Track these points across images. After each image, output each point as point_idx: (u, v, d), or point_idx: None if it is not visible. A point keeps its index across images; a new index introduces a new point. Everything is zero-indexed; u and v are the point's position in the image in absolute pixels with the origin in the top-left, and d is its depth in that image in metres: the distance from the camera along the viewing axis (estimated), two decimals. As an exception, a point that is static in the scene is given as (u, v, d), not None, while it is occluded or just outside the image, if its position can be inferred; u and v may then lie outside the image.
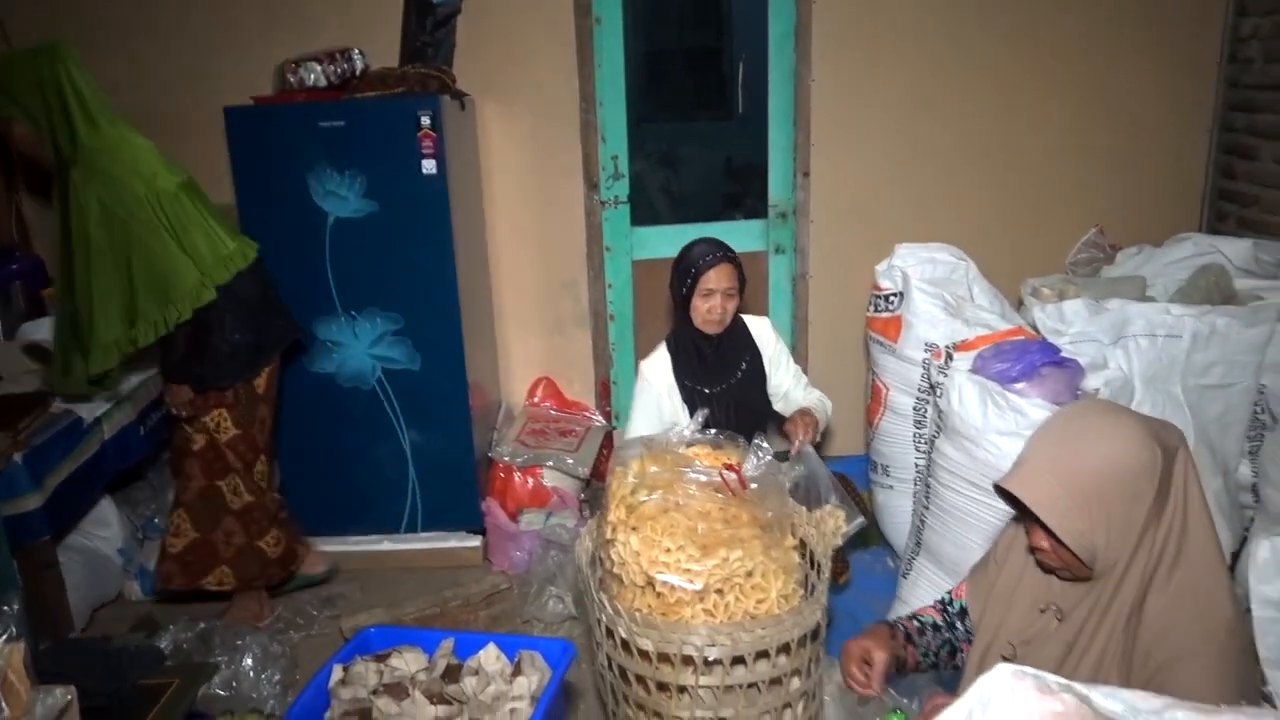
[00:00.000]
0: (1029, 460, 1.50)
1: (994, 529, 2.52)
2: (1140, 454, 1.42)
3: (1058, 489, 1.44)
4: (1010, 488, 1.50)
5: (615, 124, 3.79)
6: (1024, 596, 1.68)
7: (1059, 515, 1.44)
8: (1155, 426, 1.48)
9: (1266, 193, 3.52)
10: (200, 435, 2.92)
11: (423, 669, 1.94)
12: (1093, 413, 1.52)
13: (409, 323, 3.29)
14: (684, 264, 2.65)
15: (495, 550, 3.44)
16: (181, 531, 2.97)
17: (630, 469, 2.34)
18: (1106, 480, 1.42)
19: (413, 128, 3.09)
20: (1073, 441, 1.46)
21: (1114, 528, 1.44)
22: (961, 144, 3.80)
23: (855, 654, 1.76)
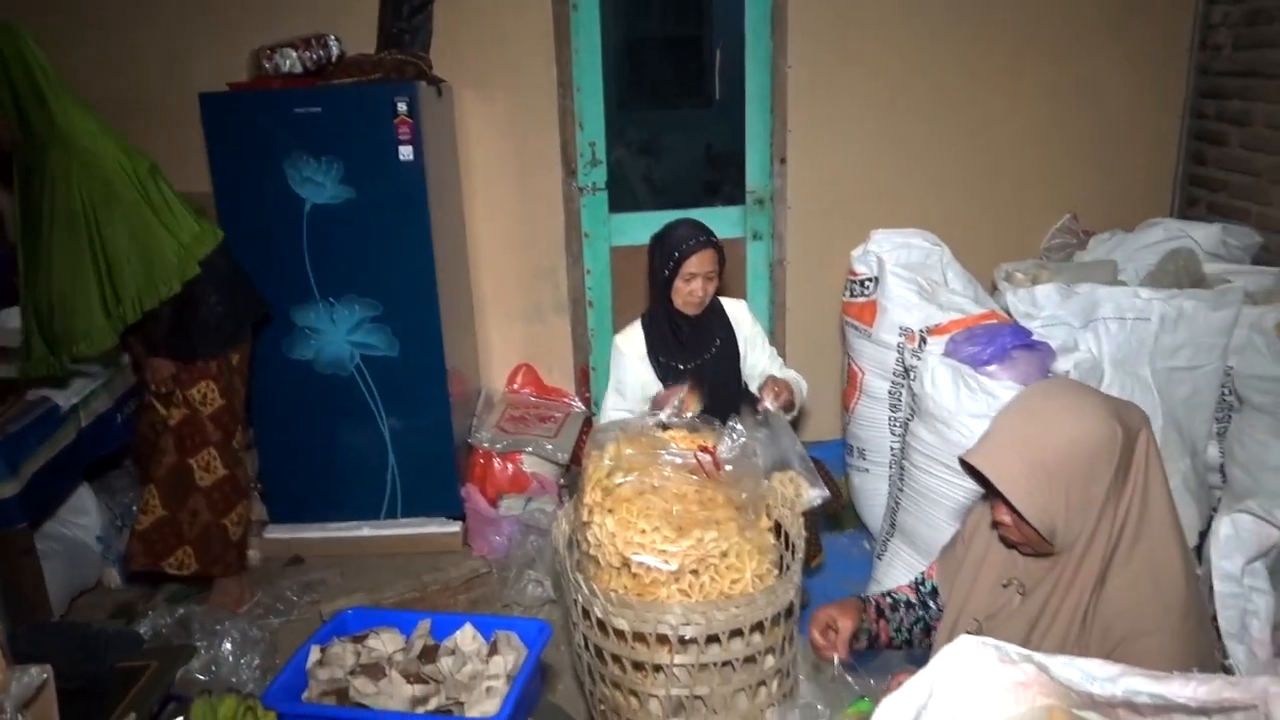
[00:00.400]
0: (993, 435, 1.53)
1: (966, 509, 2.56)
2: (1101, 432, 1.45)
3: (1019, 464, 1.46)
4: (973, 461, 1.53)
5: (593, 111, 3.79)
6: (989, 572, 1.71)
7: (1020, 490, 1.46)
8: (1118, 406, 1.50)
9: (1235, 178, 3.56)
10: (177, 410, 2.93)
11: (400, 649, 1.97)
12: (1057, 391, 1.55)
13: (387, 309, 3.29)
14: (667, 245, 2.67)
15: (475, 535, 3.46)
16: (150, 508, 2.98)
17: (606, 452, 2.36)
18: (1067, 457, 1.45)
19: (389, 114, 3.09)
20: (1036, 419, 1.49)
21: (1073, 504, 1.47)
22: (937, 130, 3.83)
23: (821, 620, 1.80)
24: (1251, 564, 1.99)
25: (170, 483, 2.97)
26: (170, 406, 2.93)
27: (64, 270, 2.63)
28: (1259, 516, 1.99)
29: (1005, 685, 1.32)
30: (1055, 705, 1.28)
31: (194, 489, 3.00)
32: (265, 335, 3.28)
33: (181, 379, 2.90)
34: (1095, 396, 1.51)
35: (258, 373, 3.32)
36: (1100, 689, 1.22)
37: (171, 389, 2.90)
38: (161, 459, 2.96)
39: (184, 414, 2.94)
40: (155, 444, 2.97)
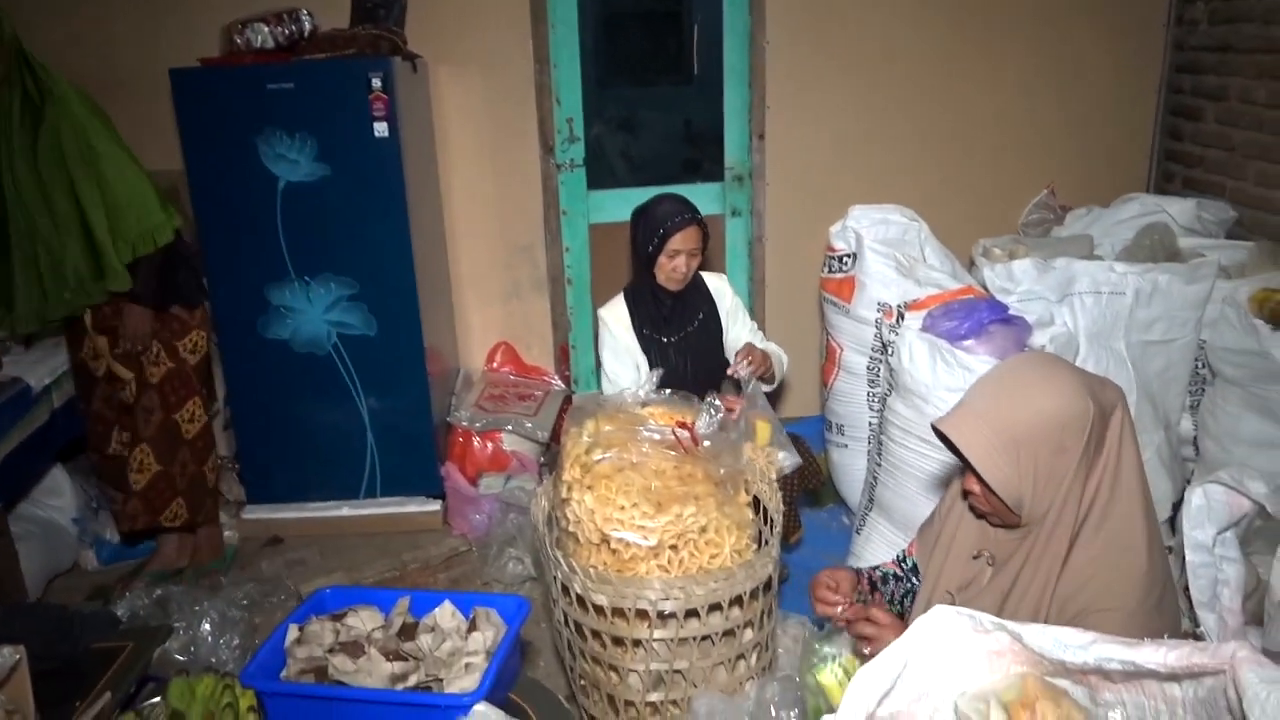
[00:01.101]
0: (966, 405, 1.54)
1: (945, 485, 2.58)
2: (1072, 407, 1.45)
3: (988, 434, 1.47)
4: (943, 428, 1.54)
5: (570, 86, 3.76)
6: (961, 544, 1.72)
7: (987, 459, 1.48)
8: (1093, 383, 1.51)
9: (1210, 153, 3.58)
10: (156, 368, 2.95)
11: (378, 627, 1.96)
12: (1032, 365, 1.56)
13: (364, 288, 3.27)
14: (650, 221, 2.67)
15: (454, 514, 3.45)
16: (144, 466, 3.01)
17: (585, 429, 2.36)
18: (1036, 430, 1.46)
19: (364, 90, 3.05)
20: (1009, 391, 1.50)
21: (1040, 477, 1.48)
22: (915, 106, 3.83)
23: (823, 580, 1.79)
24: (1223, 534, 2.01)
25: (161, 439, 3.01)
26: (148, 365, 2.94)
27: (67, 214, 2.68)
28: (1230, 486, 2.01)
29: (980, 654, 1.34)
30: (1029, 673, 1.30)
31: (182, 442, 3.05)
32: (241, 314, 3.25)
33: (174, 329, 2.95)
34: (1070, 371, 1.52)
35: (234, 352, 3.29)
36: (1072, 656, 1.23)
37: (146, 345, 2.90)
38: (149, 418, 2.98)
39: (168, 368, 2.97)
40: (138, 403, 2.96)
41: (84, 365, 2.95)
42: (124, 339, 2.87)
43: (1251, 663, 1.11)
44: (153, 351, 2.93)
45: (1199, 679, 1.19)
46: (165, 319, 2.93)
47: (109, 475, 3.04)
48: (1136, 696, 1.26)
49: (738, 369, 2.64)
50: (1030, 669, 1.31)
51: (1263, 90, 3.27)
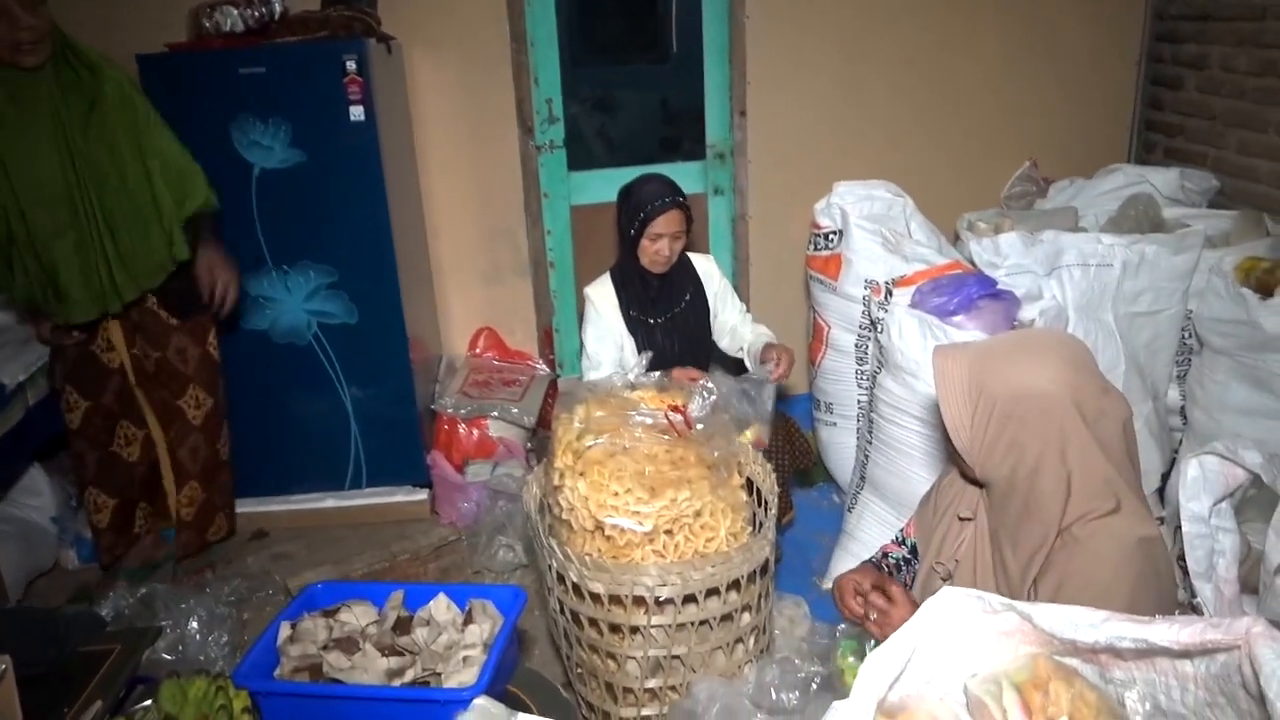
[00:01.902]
0: (968, 345, 1.56)
1: (938, 460, 2.57)
2: (1047, 389, 1.42)
3: (963, 373, 1.48)
4: (935, 354, 1.54)
5: (548, 66, 3.70)
6: (953, 513, 1.72)
7: (949, 393, 1.48)
8: (1091, 385, 1.44)
9: (1191, 123, 3.58)
10: (191, 358, 2.97)
11: (373, 622, 1.93)
12: (1051, 345, 1.50)
13: (344, 275, 3.21)
14: (633, 203, 2.64)
15: (442, 503, 3.42)
16: (194, 500, 3.07)
17: (576, 414, 2.33)
18: (1003, 390, 1.44)
19: (338, 73, 2.99)
20: (1008, 351, 1.50)
21: (990, 435, 1.47)
22: (897, 80, 3.80)
23: (847, 589, 1.75)
24: (1218, 505, 2.01)
25: (197, 461, 3.04)
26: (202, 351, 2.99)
27: (140, 190, 2.68)
28: (1225, 457, 2.01)
29: (989, 635, 1.33)
30: (1039, 653, 1.29)
31: (219, 463, 3.12)
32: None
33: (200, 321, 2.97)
34: (1074, 365, 1.45)
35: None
36: (1084, 635, 1.22)
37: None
38: (186, 439, 3.00)
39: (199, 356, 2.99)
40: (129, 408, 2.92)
41: (93, 357, 2.83)
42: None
43: (1267, 638, 1.10)
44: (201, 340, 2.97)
45: (1211, 655, 1.18)
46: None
47: (104, 476, 2.92)
48: (1148, 674, 1.26)
49: (773, 372, 2.62)
50: (1040, 649, 1.30)
51: (1243, 58, 3.26)
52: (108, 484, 2.92)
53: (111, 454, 2.92)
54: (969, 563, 1.64)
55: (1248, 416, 2.65)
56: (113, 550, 2.99)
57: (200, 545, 3.13)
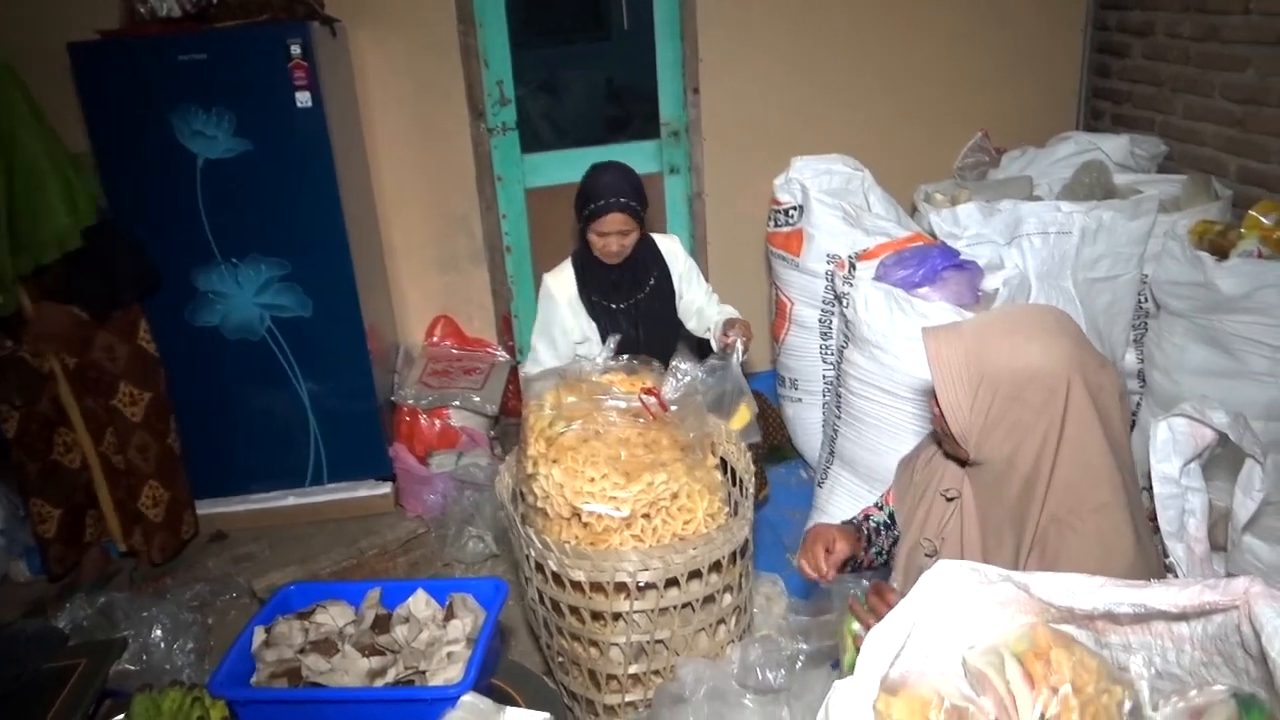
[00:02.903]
0: (959, 325, 1.52)
1: (908, 433, 2.58)
2: (1048, 368, 1.41)
3: (960, 356, 1.45)
4: (925, 337, 1.51)
5: (497, 47, 3.63)
6: (937, 489, 1.71)
7: (948, 379, 1.46)
8: (1089, 358, 1.44)
9: (1138, 89, 3.62)
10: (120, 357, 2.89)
11: (350, 622, 1.88)
12: (1040, 318, 1.49)
13: (296, 267, 3.12)
14: (583, 197, 2.62)
15: (407, 495, 3.36)
16: (160, 499, 2.99)
17: (546, 401, 2.29)
18: (1003, 373, 1.43)
19: (283, 58, 2.89)
20: (1004, 330, 1.47)
21: (992, 418, 1.45)
22: (849, 54, 3.78)
23: (822, 538, 1.74)
24: (1188, 465, 2.04)
25: (149, 459, 2.96)
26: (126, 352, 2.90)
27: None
28: (1193, 418, 2.04)
29: (986, 606, 1.32)
30: (1037, 622, 1.29)
31: (174, 457, 3.05)
32: (166, 302, 3.07)
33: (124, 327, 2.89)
34: (1071, 339, 1.44)
35: (161, 343, 3.12)
36: (1081, 603, 1.22)
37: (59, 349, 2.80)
38: (130, 439, 2.92)
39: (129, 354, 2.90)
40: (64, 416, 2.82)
41: (22, 362, 2.73)
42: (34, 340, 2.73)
43: (1266, 597, 1.10)
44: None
45: (1208, 616, 1.18)
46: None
47: (47, 485, 2.82)
48: (1143, 637, 1.26)
49: (733, 342, 2.60)
50: (1036, 617, 1.30)
51: (1188, 24, 3.31)
52: (51, 494, 2.82)
53: (53, 462, 2.82)
54: (955, 541, 1.63)
55: (1206, 377, 2.70)
56: (63, 561, 2.89)
57: (178, 547, 3.07)
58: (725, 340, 2.63)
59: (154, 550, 2.98)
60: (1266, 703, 1.09)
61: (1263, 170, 3.06)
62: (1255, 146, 3.08)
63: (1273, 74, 2.96)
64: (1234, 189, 3.08)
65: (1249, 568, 2.10)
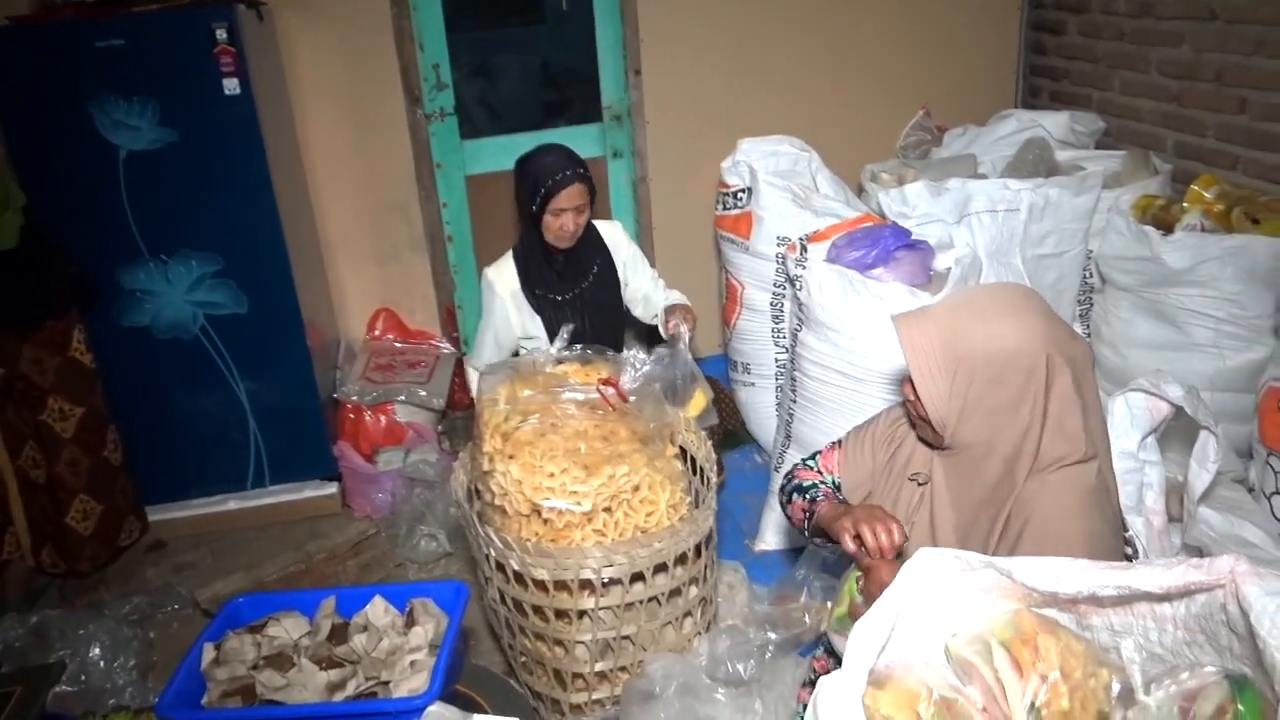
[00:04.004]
0: (929, 310, 1.50)
1: (865, 415, 2.56)
2: (1025, 347, 1.40)
3: (936, 343, 1.43)
4: (898, 324, 1.48)
5: (433, 30, 3.52)
6: (902, 468, 1.69)
7: (925, 367, 1.44)
8: (1060, 333, 1.44)
9: (1075, 65, 3.66)
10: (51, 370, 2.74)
11: (305, 634, 1.80)
12: (1009, 297, 1.48)
13: (230, 262, 2.99)
14: (533, 178, 2.51)
15: (355, 495, 3.26)
16: (91, 512, 2.85)
17: (500, 396, 2.22)
18: (980, 356, 1.41)
19: (208, 43, 2.75)
20: (974, 312, 1.45)
21: (971, 402, 1.44)
22: (792, 32, 3.74)
23: (878, 513, 1.56)
24: (1145, 439, 2.06)
25: (80, 474, 2.81)
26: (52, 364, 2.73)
27: None
28: (1149, 392, 2.06)
29: (969, 593, 1.31)
30: (1020, 607, 1.27)
31: (111, 470, 2.90)
32: (91, 303, 2.94)
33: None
34: (1042, 316, 1.44)
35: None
36: (1065, 587, 1.21)
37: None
38: (60, 455, 2.77)
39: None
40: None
41: None
42: None
43: (1252, 576, 1.10)
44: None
45: (1192, 596, 1.18)
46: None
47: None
48: (1125, 618, 1.25)
49: (677, 329, 2.56)
50: (1019, 603, 1.28)
51: (1122, 0, 3.34)
52: None
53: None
54: (925, 525, 1.61)
55: (1153, 350, 2.74)
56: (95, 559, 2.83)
57: (111, 555, 2.94)
58: (670, 328, 2.59)
59: (83, 562, 2.85)
60: (1257, 682, 1.08)
61: (1199, 144, 3.11)
62: (1191, 121, 3.13)
63: (1207, 49, 3.01)
64: (1172, 163, 3.13)
65: (1204, 538, 2.13)
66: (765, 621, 2.20)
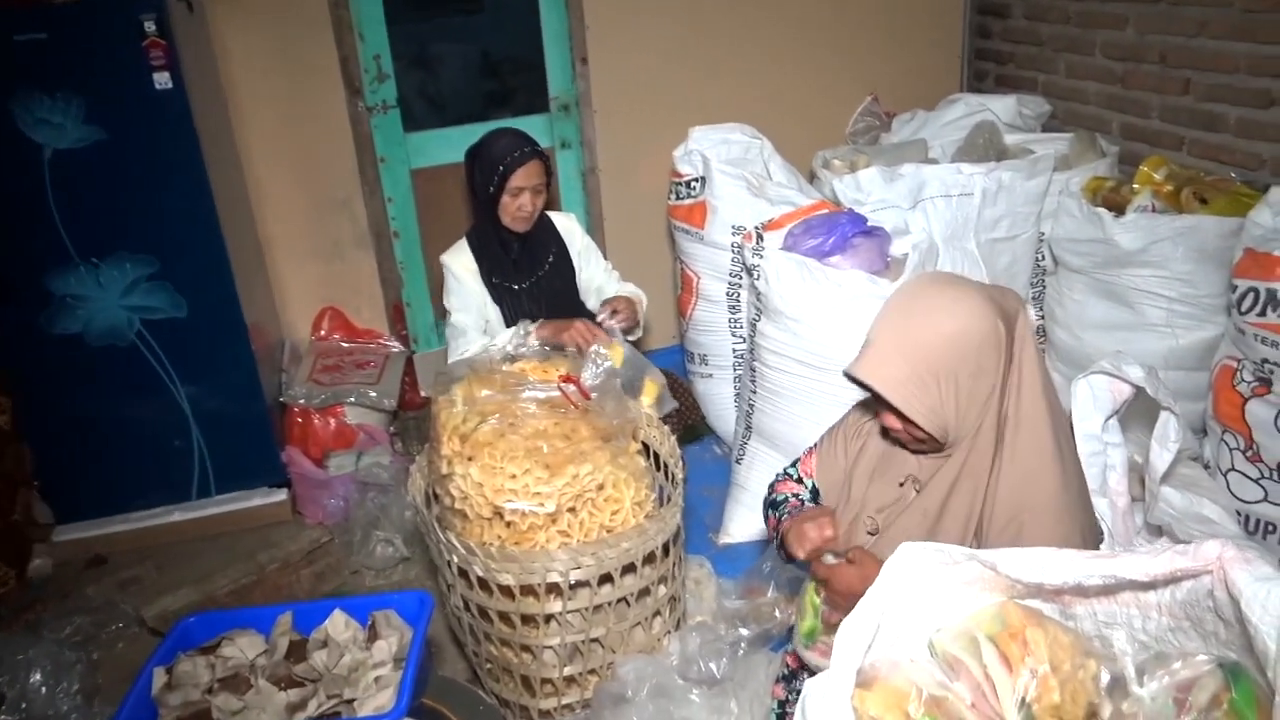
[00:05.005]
0: (875, 343, 1.45)
1: (827, 403, 2.54)
2: (984, 326, 1.40)
3: (905, 369, 1.40)
4: (858, 374, 1.45)
5: (373, 19, 3.41)
6: (884, 472, 1.67)
7: (908, 396, 1.41)
8: (994, 295, 1.46)
9: (1020, 49, 3.68)
10: None
11: (261, 653, 1.72)
12: (935, 288, 1.48)
13: (166, 264, 2.87)
14: (488, 160, 2.47)
15: (305, 502, 3.16)
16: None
17: (457, 396, 2.15)
18: (952, 356, 1.40)
19: (135, 36, 2.62)
20: (918, 319, 1.42)
21: (962, 401, 1.43)
22: (739, 18, 3.70)
23: (811, 517, 1.60)
24: (1108, 421, 2.06)
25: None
26: None
27: None
28: (1111, 374, 2.06)
29: (951, 587, 1.28)
30: (1005, 600, 1.25)
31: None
32: (16, 310, 2.79)
33: None
34: (972, 289, 1.46)
35: (15, 356, 2.84)
36: (1051, 578, 1.19)
37: None
38: None
39: None
40: None
41: None
42: None
43: (1240, 561, 1.08)
44: None
45: (1178, 583, 1.17)
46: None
47: None
48: (1108, 606, 1.24)
49: (606, 323, 2.51)
50: (1002, 595, 1.26)
51: (1066, -17, 3.37)
52: None
53: None
54: (901, 524, 1.59)
55: (1106, 330, 2.76)
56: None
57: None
58: (599, 320, 2.54)
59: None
60: (1249, 668, 1.07)
61: (1144, 126, 3.14)
62: (1136, 103, 3.16)
63: (1151, 31, 3.04)
64: (1119, 145, 3.16)
65: (1165, 516, 2.15)
66: (735, 617, 2.17)
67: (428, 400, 3.31)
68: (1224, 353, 2.40)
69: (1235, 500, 2.36)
